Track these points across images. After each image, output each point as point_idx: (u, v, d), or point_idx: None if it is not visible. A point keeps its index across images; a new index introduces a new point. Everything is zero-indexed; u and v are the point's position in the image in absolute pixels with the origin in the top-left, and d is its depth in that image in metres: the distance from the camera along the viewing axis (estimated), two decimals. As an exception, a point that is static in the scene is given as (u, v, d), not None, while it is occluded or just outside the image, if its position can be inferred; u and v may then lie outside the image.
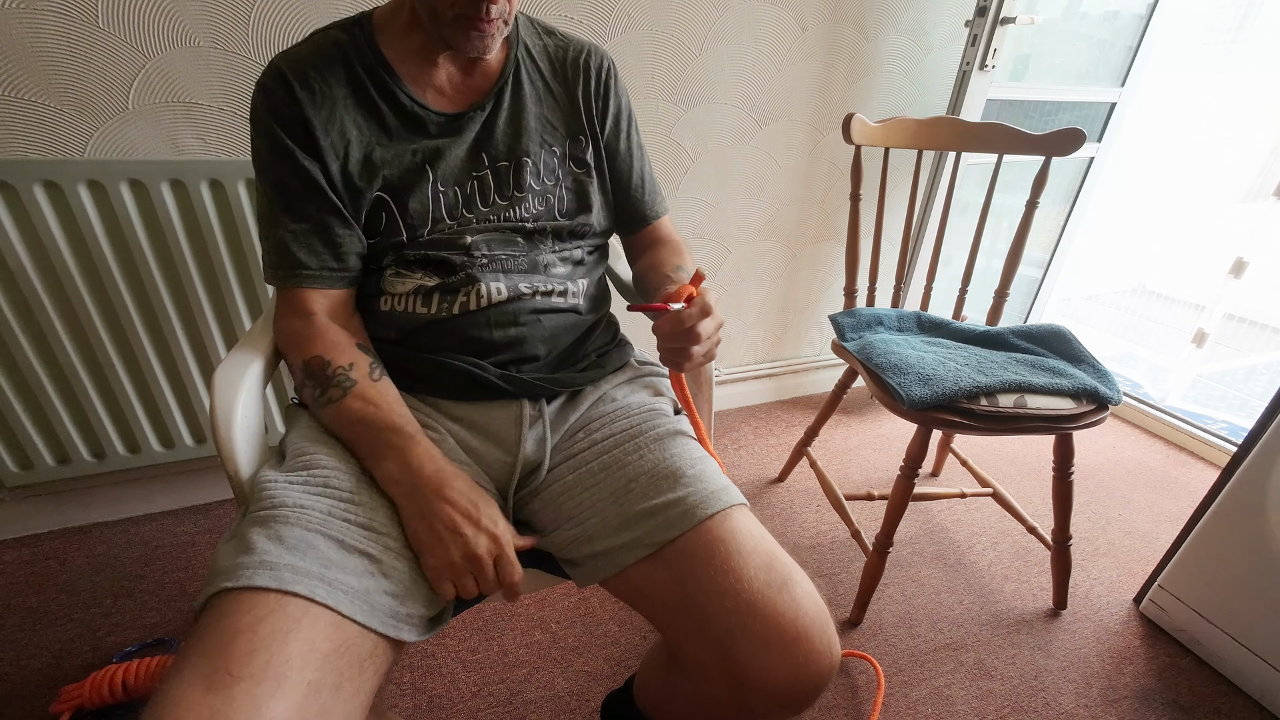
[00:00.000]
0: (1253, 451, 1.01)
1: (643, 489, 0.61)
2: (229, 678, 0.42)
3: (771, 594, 0.52)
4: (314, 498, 0.55)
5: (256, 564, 0.48)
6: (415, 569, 0.56)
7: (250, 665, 0.42)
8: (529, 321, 0.69)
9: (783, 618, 0.51)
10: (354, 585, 0.51)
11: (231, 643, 0.43)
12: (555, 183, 0.72)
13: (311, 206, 0.63)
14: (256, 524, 0.53)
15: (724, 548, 0.55)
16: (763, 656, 0.51)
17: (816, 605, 0.53)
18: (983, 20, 1.47)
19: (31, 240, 0.99)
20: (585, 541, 0.62)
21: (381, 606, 0.52)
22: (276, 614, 0.46)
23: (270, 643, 0.44)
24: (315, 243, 0.64)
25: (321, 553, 0.51)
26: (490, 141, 0.68)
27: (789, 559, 0.56)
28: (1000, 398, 0.95)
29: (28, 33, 0.93)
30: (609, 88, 0.75)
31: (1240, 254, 2.72)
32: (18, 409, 1.09)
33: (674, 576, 0.56)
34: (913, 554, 1.31)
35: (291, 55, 0.63)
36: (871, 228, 1.32)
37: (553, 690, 0.99)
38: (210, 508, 1.33)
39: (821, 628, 0.52)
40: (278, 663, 0.43)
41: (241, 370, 0.64)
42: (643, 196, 0.81)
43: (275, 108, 0.62)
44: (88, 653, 1.01)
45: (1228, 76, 3.68)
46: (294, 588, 0.47)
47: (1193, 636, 1.11)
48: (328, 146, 0.63)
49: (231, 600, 0.46)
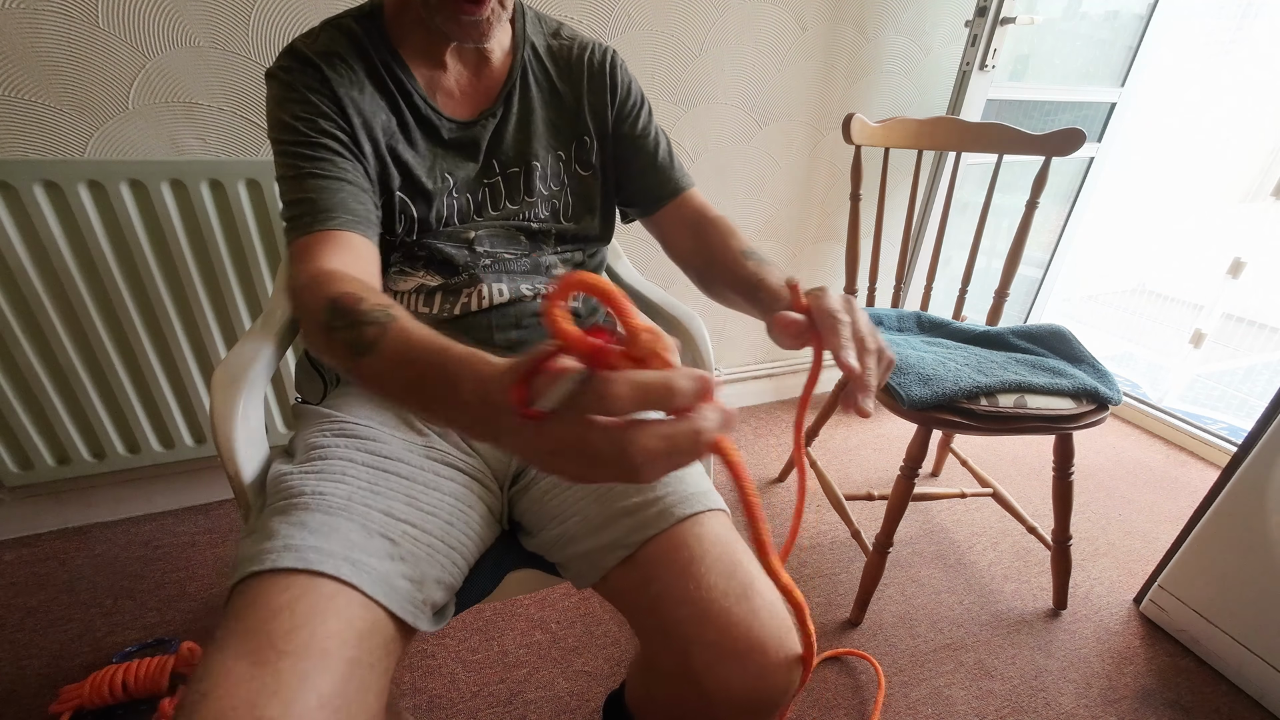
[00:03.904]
0: (1253, 451, 1.01)
1: (622, 488, 0.61)
2: (274, 653, 0.42)
3: (729, 603, 0.51)
4: (332, 484, 0.56)
5: (280, 548, 0.48)
6: (431, 555, 0.56)
7: (293, 641, 0.43)
8: (530, 324, 0.69)
9: (737, 627, 0.50)
10: (377, 568, 0.51)
11: (272, 620, 0.44)
12: (561, 187, 0.71)
13: (342, 160, 0.60)
14: (276, 514, 0.53)
15: (688, 553, 0.54)
16: (718, 666, 0.50)
17: (776, 616, 0.52)
18: (983, 20, 1.47)
19: (31, 240, 0.99)
20: (568, 542, 0.61)
21: (401, 591, 0.52)
22: (311, 593, 0.46)
23: (310, 620, 0.44)
24: (343, 191, 0.59)
25: (344, 535, 0.51)
26: (500, 148, 0.68)
27: (754, 568, 0.54)
28: (1000, 398, 0.95)
29: (28, 33, 0.93)
30: (614, 79, 0.73)
31: (1239, 254, 2.73)
32: (18, 409, 1.09)
33: (643, 579, 0.56)
34: (913, 554, 1.31)
35: (311, 40, 0.61)
36: (871, 228, 1.32)
37: (553, 690, 0.99)
38: (210, 508, 1.33)
39: (780, 640, 0.51)
40: (319, 639, 0.44)
41: (242, 370, 0.64)
42: (671, 166, 0.76)
43: (306, 82, 0.59)
44: (88, 653, 1.01)
45: (1228, 76, 3.68)
46: (321, 567, 0.47)
47: (1193, 636, 1.11)
48: (359, 126, 0.61)
49: (263, 583, 0.46)
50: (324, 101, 0.59)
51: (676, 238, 0.75)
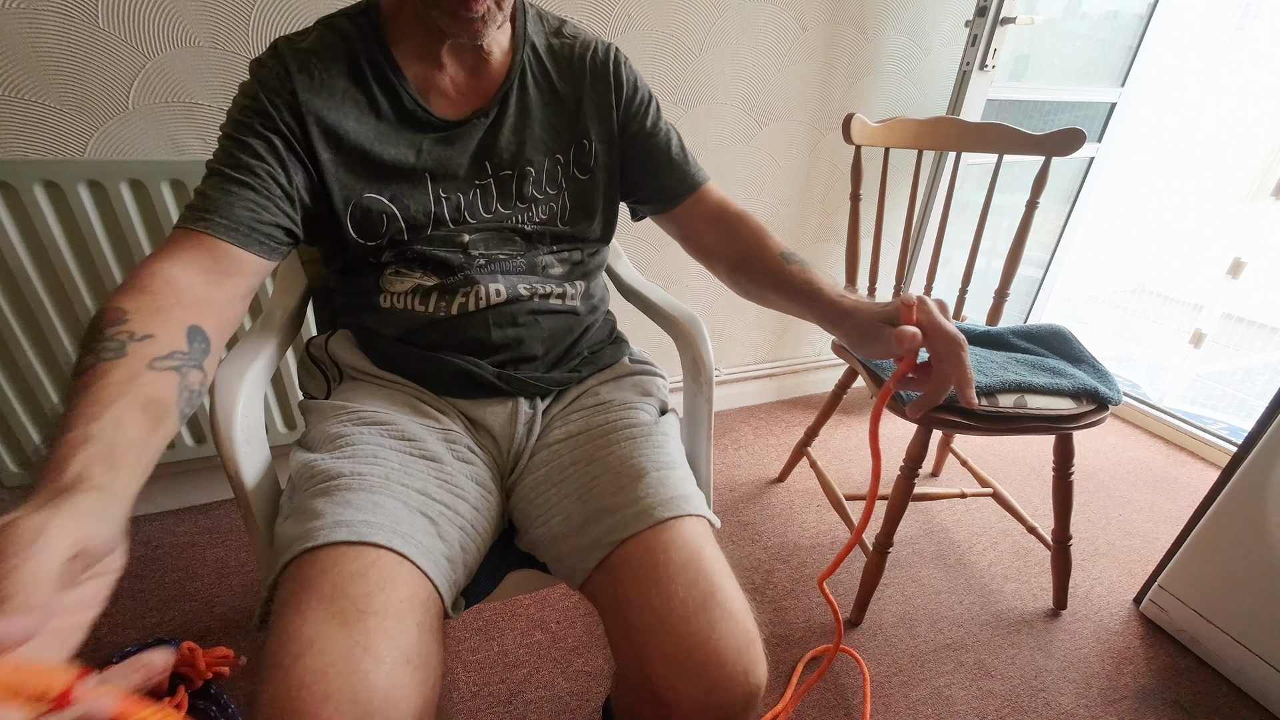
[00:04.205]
0: (1253, 452, 1.01)
1: (605, 486, 0.61)
2: (358, 613, 0.44)
3: (687, 613, 0.50)
4: (367, 465, 0.56)
5: (332, 524, 0.49)
6: (463, 537, 0.57)
7: (374, 603, 0.45)
8: (527, 322, 0.69)
9: (693, 638, 0.49)
10: (424, 543, 0.52)
11: (351, 585, 0.45)
12: (558, 191, 0.70)
13: (261, 165, 0.57)
14: (318, 495, 0.53)
15: (655, 559, 0.53)
16: (672, 677, 0.49)
17: (736, 628, 0.50)
18: (983, 20, 1.47)
19: (31, 240, 0.99)
20: (553, 541, 0.61)
21: (443, 569, 0.53)
22: (381, 562, 0.48)
23: (384, 585, 0.46)
24: (240, 197, 0.56)
25: (390, 511, 0.52)
26: (494, 151, 0.66)
27: (721, 578, 0.53)
28: (1000, 398, 0.95)
29: (28, 33, 0.93)
30: (618, 78, 0.71)
31: (1239, 254, 2.73)
32: (18, 409, 1.09)
33: (612, 582, 0.55)
34: (913, 554, 1.31)
35: (294, 40, 0.61)
36: (871, 228, 1.32)
37: (553, 690, 0.99)
38: (210, 508, 1.33)
39: (739, 653, 0.49)
40: (395, 602, 0.46)
41: (242, 370, 0.64)
42: (686, 161, 0.75)
43: (266, 80, 0.58)
44: (88, 653, 1.01)
45: (1228, 76, 3.68)
46: (376, 539, 0.48)
47: (1193, 636, 1.11)
48: (318, 135, 0.59)
49: (329, 554, 0.47)
50: (277, 104, 0.58)
51: (699, 233, 0.75)
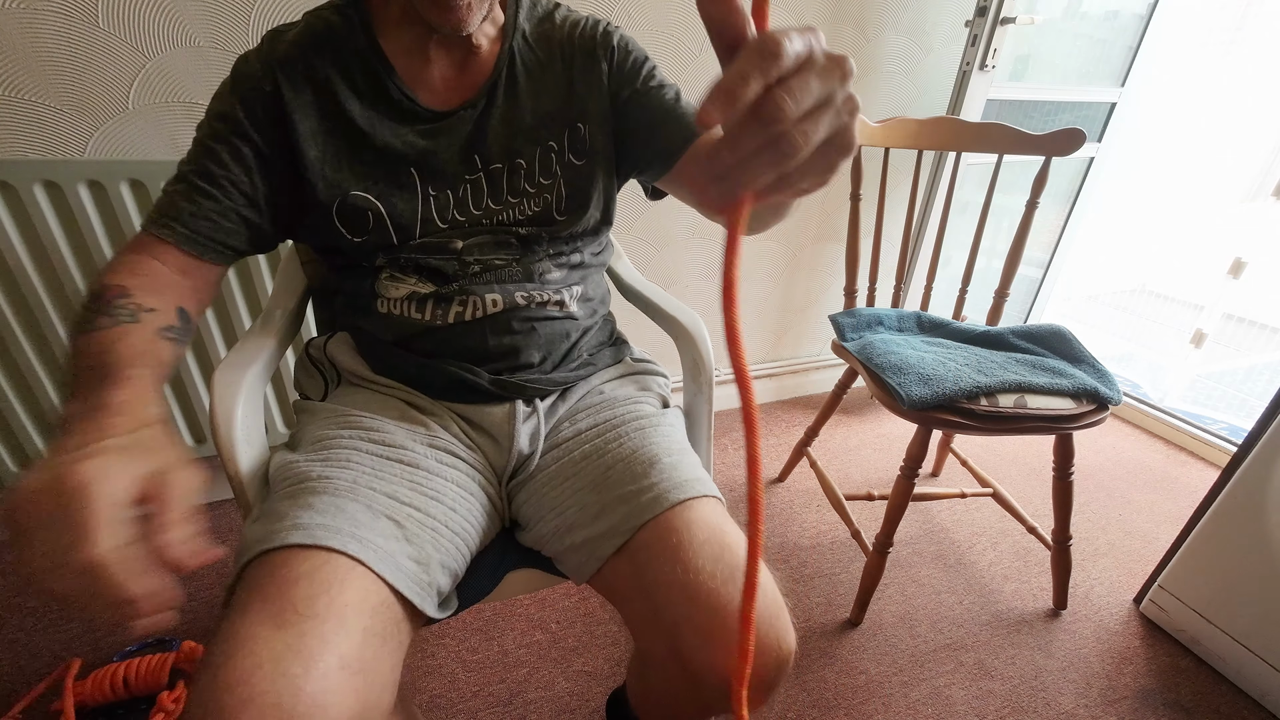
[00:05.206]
0: (1253, 451, 1.01)
1: (619, 475, 0.62)
2: (296, 616, 0.44)
3: (716, 585, 0.51)
4: (338, 469, 0.56)
5: (290, 527, 0.49)
6: (435, 539, 0.57)
7: (314, 606, 0.45)
8: (524, 330, 0.68)
9: (725, 609, 0.50)
10: (383, 546, 0.52)
11: (293, 587, 0.45)
12: (552, 180, 0.68)
13: (229, 172, 0.58)
14: (284, 498, 0.53)
15: (678, 538, 0.55)
16: (706, 648, 0.50)
17: (765, 598, 0.52)
18: (983, 20, 1.47)
19: (31, 240, 0.99)
20: (566, 531, 0.62)
21: (408, 571, 0.53)
22: (329, 565, 0.48)
23: (329, 588, 0.46)
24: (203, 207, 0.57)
25: (351, 515, 0.52)
26: (483, 143, 0.65)
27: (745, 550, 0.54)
28: (1000, 398, 0.95)
29: (28, 33, 0.93)
30: (606, 47, 0.68)
31: (1239, 254, 2.73)
32: (18, 409, 1.09)
33: (635, 567, 0.57)
34: (913, 554, 1.31)
35: (282, 32, 0.61)
36: (871, 228, 1.32)
37: (553, 690, 0.99)
38: (210, 508, 1.33)
39: (769, 621, 0.51)
40: (338, 606, 0.46)
41: (241, 370, 0.64)
42: (688, 111, 0.68)
43: (245, 82, 0.59)
44: (88, 653, 1.01)
45: (1228, 76, 3.68)
46: (329, 543, 0.49)
47: (1193, 637, 1.11)
48: (303, 132, 0.59)
49: (279, 557, 0.48)
50: (253, 108, 0.58)
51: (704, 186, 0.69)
